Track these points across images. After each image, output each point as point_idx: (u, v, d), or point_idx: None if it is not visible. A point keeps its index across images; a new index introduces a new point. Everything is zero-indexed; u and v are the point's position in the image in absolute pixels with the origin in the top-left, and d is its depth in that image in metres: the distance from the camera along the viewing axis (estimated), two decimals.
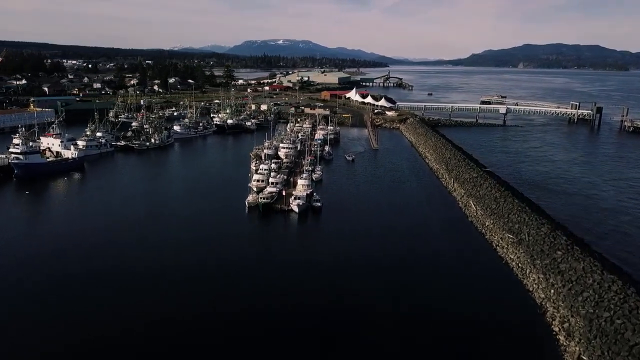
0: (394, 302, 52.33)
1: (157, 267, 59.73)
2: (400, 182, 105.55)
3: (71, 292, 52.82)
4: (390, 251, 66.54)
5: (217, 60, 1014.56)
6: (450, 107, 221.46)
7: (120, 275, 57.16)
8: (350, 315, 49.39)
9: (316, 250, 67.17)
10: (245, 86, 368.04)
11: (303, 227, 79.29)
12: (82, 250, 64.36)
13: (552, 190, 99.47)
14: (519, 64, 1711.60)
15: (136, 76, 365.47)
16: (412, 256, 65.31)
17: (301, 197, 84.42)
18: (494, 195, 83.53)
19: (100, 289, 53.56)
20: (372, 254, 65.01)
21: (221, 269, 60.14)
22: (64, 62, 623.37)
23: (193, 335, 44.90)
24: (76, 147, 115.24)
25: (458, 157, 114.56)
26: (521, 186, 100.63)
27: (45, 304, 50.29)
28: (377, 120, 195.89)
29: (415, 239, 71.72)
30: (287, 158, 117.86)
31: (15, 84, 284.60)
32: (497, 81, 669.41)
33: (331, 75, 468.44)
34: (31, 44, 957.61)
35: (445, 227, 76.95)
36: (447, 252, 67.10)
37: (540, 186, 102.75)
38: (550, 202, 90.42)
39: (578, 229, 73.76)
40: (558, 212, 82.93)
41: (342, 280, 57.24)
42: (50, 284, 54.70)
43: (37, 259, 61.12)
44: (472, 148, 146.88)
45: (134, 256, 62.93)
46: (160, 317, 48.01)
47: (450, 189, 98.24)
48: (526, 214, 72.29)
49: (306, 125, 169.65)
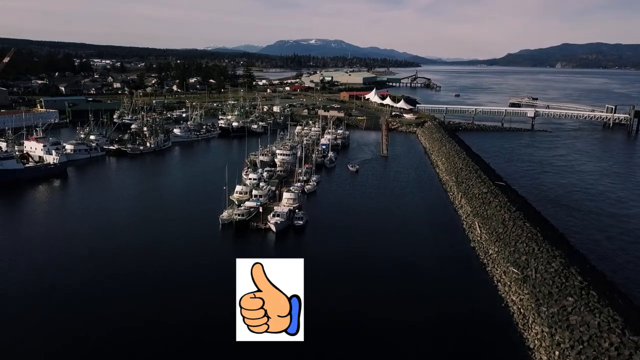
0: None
1: (86, 293, 51.50)
2: (402, 196, 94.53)
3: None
4: (369, 289, 56.01)
5: (247, 60, 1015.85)
6: (473, 109, 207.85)
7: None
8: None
9: None
10: (266, 86, 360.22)
11: (275, 251, 69.43)
12: (28, 265, 58.28)
13: (574, 209, 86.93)
14: (557, 64, 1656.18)
15: (160, 76, 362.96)
16: (395, 295, 54.43)
17: (281, 214, 74.59)
18: (503, 217, 71.94)
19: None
20: (345, 294, 54.21)
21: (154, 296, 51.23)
22: (98, 61, 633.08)
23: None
24: (58, 152, 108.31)
25: (470, 168, 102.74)
26: (539, 203, 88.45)
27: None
28: (393, 124, 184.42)
29: (405, 272, 60.90)
30: (282, 166, 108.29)
31: (37, 83, 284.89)
32: (531, 82, 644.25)
33: (356, 75, 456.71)
34: (69, 44, 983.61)
35: (443, 257, 65.63)
36: (440, 289, 56.14)
37: (560, 203, 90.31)
38: (570, 223, 78.20)
39: (600, 263, 61.79)
40: (577, 238, 70.93)
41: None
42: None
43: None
44: (491, 156, 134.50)
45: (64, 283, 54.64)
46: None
47: (457, 206, 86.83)
48: (536, 244, 60.61)
49: (314, 128, 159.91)
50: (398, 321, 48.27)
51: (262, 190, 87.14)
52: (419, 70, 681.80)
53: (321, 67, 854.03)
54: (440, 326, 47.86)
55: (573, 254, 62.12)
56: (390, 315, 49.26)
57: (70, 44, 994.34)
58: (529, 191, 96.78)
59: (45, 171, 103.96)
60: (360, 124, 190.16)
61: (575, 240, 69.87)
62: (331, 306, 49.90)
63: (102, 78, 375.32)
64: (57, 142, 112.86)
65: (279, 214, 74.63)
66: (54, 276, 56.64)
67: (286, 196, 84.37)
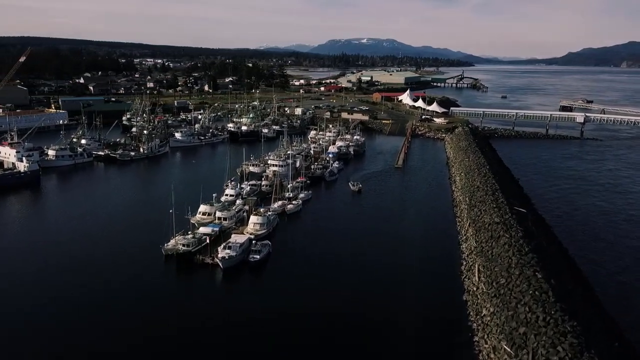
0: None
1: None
2: (401, 221, 79.08)
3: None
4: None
5: (295, 60, 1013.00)
6: (514, 114, 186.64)
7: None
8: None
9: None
10: (301, 86, 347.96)
11: (211, 300, 56.00)
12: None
13: (612, 245, 68.84)
14: (622, 64, 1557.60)
15: (191, 75, 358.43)
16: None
17: (233, 246, 61.09)
18: (509, 261, 55.51)
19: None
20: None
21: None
22: (150, 61, 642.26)
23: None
24: (29, 159, 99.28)
25: (488, 187, 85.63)
26: (567, 237, 71.13)
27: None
28: (420, 129, 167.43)
29: (372, 339, 46.10)
30: (267, 180, 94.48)
31: (69, 82, 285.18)
32: (590, 82, 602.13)
33: (397, 75, 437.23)
34: (127, 44, 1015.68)
35: (427, 316, 49.88)
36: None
37: (595, 236, 72.42)
38: (601, 269, 60.66)
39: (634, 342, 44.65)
40: (606, 293, 53.69)
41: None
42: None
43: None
44: (524, 169, 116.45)
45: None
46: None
47: (462, 237, 70.59)
48: (543, 310, 44.14)
49: (329, 133, 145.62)
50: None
51: (229, 211, 73.96)
52: (472, 70, 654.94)
53: (370, 66, 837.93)
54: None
55: (599, 333, 45.08)
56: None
57: (128, 44, 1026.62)
58: (559, 220, 79.09)
59: (13, 180, 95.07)
60: (385, 128, 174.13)
61: (602, 296, 52.75)
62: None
63: (141, 77, 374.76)
64: (32, 148, 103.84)
65: (231, 246, 61.20)
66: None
67: (253, 220, 70.96)
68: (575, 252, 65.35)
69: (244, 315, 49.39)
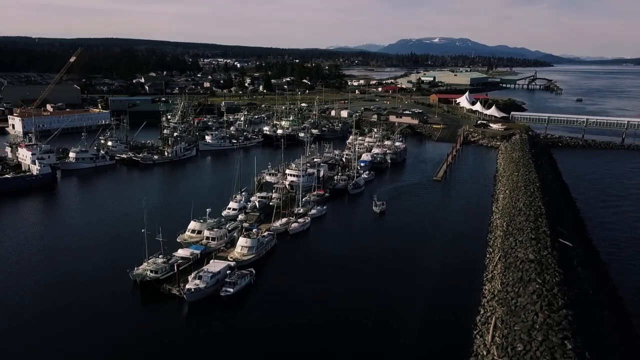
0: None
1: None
2: (420, 252, 67.32)
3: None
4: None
5: (363, 60, 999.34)
6: (584, 120, 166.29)
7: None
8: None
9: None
10: (356, 87, 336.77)
11: (167, 343, 47.34)
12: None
13: None
14: None
15: (244, 75, 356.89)
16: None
17: (203, 275, 52.42)
18: (533, 318, 42.97)
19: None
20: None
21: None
22: (220, 60, 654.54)
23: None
24: (42, 162, 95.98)
25: (531, 211, 71.73)
26: (627, 281, 56.50)
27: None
28: (473, 135, 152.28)
29: None
30: (278, 192, 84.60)
31: (133, 81, 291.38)
32: None
33: (463, 76, 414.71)
34: (199, 44, 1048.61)
35: None
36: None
37: None
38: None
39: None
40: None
41: None
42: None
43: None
44: (586, 187, 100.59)
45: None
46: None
47: (487, 276, 57.91)
48: None
49: (368, 139, 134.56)
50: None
51: (220, 230, 65.50)
52: (548, 71, 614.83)
53: (439, 67, 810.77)
54: None
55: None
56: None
57: (200, 44, 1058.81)
58: (618, 258, 64.17)
59: (23, 183, 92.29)
60: (435, 133, 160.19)
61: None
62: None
63: (202, 77, 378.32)
64: (49, 150, 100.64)
65: (203, 274, 52.55)
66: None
67: (240, 243, 62.04)
68: (636, 309, 50.99)
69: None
